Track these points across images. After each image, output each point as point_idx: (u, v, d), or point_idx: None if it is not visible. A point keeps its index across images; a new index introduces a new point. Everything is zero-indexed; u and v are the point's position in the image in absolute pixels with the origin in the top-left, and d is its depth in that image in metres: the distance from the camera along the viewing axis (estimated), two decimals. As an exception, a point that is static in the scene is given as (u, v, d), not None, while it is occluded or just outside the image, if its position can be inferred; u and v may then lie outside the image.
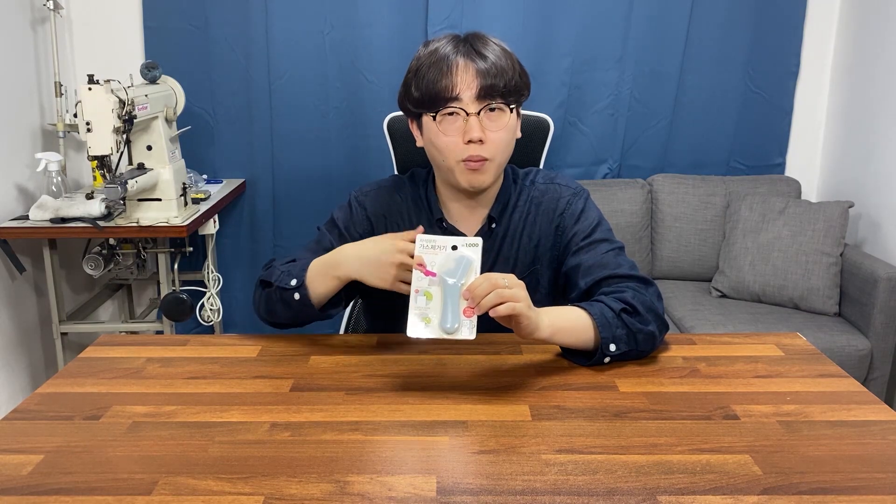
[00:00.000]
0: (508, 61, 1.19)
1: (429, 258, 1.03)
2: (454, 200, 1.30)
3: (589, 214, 1.30)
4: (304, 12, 2.73)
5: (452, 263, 1.02)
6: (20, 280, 2.47)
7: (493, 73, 1.17)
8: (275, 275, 1.22)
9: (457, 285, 1.01)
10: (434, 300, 1.01)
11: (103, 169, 2.08)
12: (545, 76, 2.78)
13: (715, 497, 0.80)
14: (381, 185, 1.36)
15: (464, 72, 1.16)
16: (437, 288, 1.02)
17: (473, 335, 1.00)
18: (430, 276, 1.02)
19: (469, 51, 1.18)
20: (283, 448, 0.90)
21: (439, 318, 1.01)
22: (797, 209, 2.58)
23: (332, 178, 2.89)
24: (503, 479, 0.83)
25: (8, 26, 2.42)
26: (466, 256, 1.02)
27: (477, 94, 1.16)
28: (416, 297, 1.02)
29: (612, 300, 1.15)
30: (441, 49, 1.19)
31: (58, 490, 0.81)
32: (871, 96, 2.69)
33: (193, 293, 2.56)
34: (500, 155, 1.21)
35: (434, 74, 1.17)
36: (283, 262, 1.25)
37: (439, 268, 1.02)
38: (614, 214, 2.79)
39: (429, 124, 1.21)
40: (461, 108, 1.17)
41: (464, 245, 1.03)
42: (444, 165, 1.22)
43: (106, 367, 1.13)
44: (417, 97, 1.20)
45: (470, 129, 1.17)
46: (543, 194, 1.32)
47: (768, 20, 2.84)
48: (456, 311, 1.00)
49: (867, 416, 0.98)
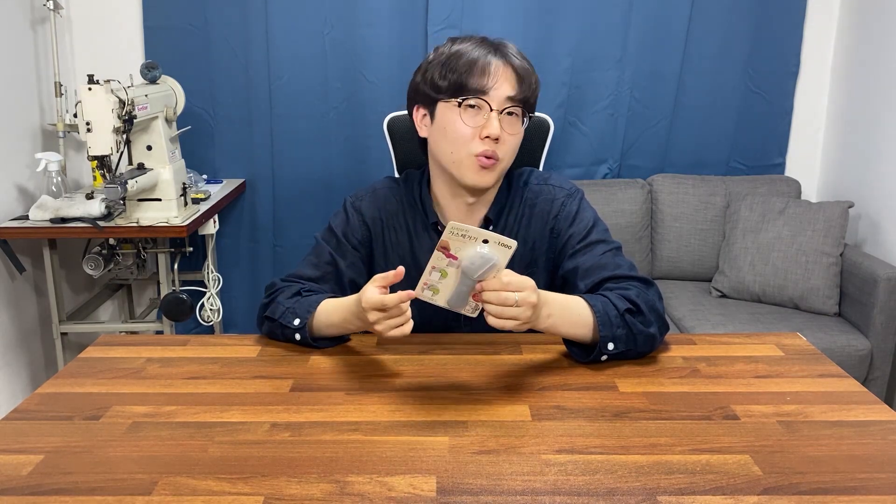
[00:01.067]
0: (533, 72, 1.23)
1: (455, 245, 0.98)
2: (452, 199, 1.29)
3: (584, 216, 1.29)
4: (304, 12, 2.73)
5: (479, 259, 0.97)
6: (20, 280, 2.47)
7: (523, 79, 1.20)
8: (278, 311, 1.21)
9: (473, 282, 0.99)
10: (448, 278, 1.00)
11: (103, 169, 2.08)
12: (545, 76, 2.76)
13: (715, 497, 0.80)
14: (375, 188, 1.35)
15: (497, 70, 1.18)
16: (455, 271, 0.99)
17: (476, 314, 1.01)
18: (451, 259, 0.99)
19: (504, 52, 1.21)
20: (283, 448, 0.89)
21: (448, 294, 1.00)
22: (797, 209, 2.58)
23: (331, 178, 2.89)
24: (503, 479, 0.83)
25: (8, 26, 2.42)
26: (494, 259, 0.97)
27: (505, 94, 1.18)
28: (432, 272, 1.00)
29: (617, 298, 1.14)
30: (472, 48, 1.20)
31: (58, 490, 0.81)
32: (871, 96, 2.69)
33: (193, 293, 2.56)
34: (507, 158, 1.22)
35: (468, 66, 1.18)
36: (287, 295, 1.23)
37: (464, 258, 0.98)
38: (614, 214, 2.79)
39: (446, 112, 1.20)
40: (488, 101, 1.18)
41: (496, 243, 0.97)
42: (452, 157, 1.21)
43: (106, 367, 1.13)
44: (443, 84, 1.20)
45: (489, 125, 1.17)
46: (537, 196, 1.31)
47: (768, 20, 2.84)
48: (466, 296, 1.00)
49: (867, 416, 0.98)
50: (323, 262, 1.29)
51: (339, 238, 1.30)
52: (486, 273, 0.98)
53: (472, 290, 1.00)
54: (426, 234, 1.31)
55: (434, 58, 1.22)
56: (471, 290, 1.00)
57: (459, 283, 1.00)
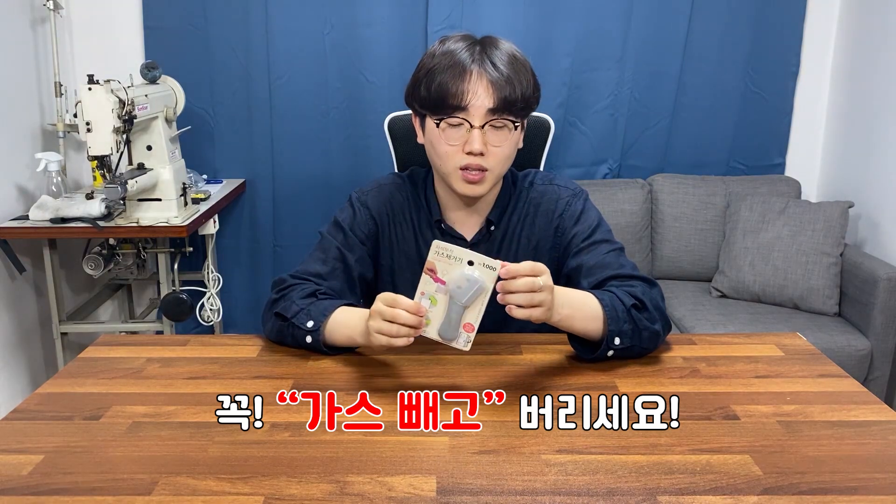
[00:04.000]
0: (523, 74, 1.17)
1: (441, 266, 0.99)
2: (452, 204, 1.30)
3: (589, 215, 1.30)
4: (304, 12, 2.73)
5: (465, 283, 0.97)
6: (20, 280, 2.47)
7: (504, 87, 1.15)
8: (291, 310, 1.17)
9: (462, 308, 0.99)
10: (438, 306, 1.00)
11: (103, 169, 2.08)
12: (545, 76, 2.78)
13: (715, 497, 0.80)
14: (380, 183, 1.35)
15: (476, 82, 1.15)
16: (444, 297, 0.99)
17: (468, 348, 1.01)
18: (438, 283, 0.99)
19: (484, 59, 1.16)
20: (283, 448, 0.89)
21: (439, 324, 1.00)
22: (797, 209, 2.58)
23: (332, 178, 2.89)
24: (503, 479, 0.83)
25: (8, 26, 2.42)
26: (480, 281, 0.97)
27: (485, 107, 1.15)
28: (422, 299, 1.00)
29: (623, 293, 1.14)
30: (457, 53, 1.16)
31: (58, 490, 0.81)
32: (871, 96, 2.69)
33: (193, 293, 2.56)
34: (498, 167, 1.20)
35: (445, 78, 1.15)
36: (301, 294, 1.20)
37: (451, 281, 0.98)
38: (614, 214, 2.79)
39: (432, 127, 1.20)
40: (466, 119, 1.16)
41: (481, 265, 0.97)
42: (442, 170, 1.22)
43: (106, 367, 1.13)
44: (425, 97, 1.18)
45: (472, 142, 1.16)
46: (542, 195, 1.32)
47: (768, 20, 2.84)
48: (457, 324, 1.00)
49: (867, 416, 0.98)
50: (331, 257, 1.27)
51: (347, 232, 1.29)
52: (474, 298, 0.98)
53: (461, 319, 1.00)
54: (430, 232, 1.31)
55: (422, 66, 1.20)
56: (460, 317, 1.00)
57: (448, 310, 0.99)
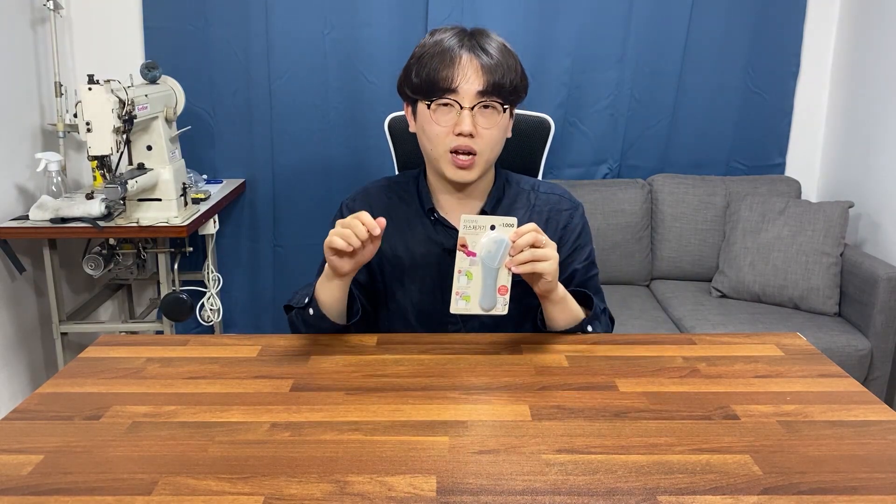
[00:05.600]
0: (511, 61, 1.21)
1: (471, 239, 1.10)
2: (444, 192, 1.32)
3: (586, 235, 1.38)
4: (304, 12, 2.73)
5: (493, 246, 1.10)
6: (20, 280, 2.47)
7: (494, 70, 1.19)
8: (294, 298, 1.28)
9: (494, 268, 1.11)
10: (474, 279, 1.11)
11: (103, 169, 2.08)
12: (545, 76, 2.78)
13: (715, 497, 0.80)
14: (367, 188, 1.39)
15: (466, 65, 1.18)
16: (478, 268, 1.11)
17: (506, 311, 1.13)
18: (471, 257, 1.10)
19: (474, 45, 1.20)
20: (283, 448, 0.89)
21: (478, 297, 1.12)
22: (797, 209, 2.58)
23: (332, 178, 2.89)
24: (503, 479, 0.83)
25: (8, 26, 2.42)
26: (505, 239, 1.10)
27: (475, 89, 1.18)
28: (459, 276, 1.11)
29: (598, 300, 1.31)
30: (446, 41, 1.21)
31: (58, 490, 0.81)
32: (871, 96, 2.69)
33: (193, 293, 2.56)
34: (488, 151, 1.23)
35: (436, 63, 1.19)
36: (302, 289, 1.31)
37: (480, 249, 1.10)
38: (614, 214, 2.79)
39: (423, 111, 1.23)
40: (456, 100, 1.19)
41: (501, 225, 1.10)
42: (433, 154, 1.24)
43: (106, 367, 1.13)
44: (416, 83, 1.22)
45: (461, 122, 1.19)
46: (546, 204, 1.35)
47: (768, 20, 2.84)
48: (493, 290, 1.11)
49: (867, 416, 0.98)
50: None
51: None
52: (504, 257, 1.10)
53: (496, 283, 1.11)
54: (419, 222, 1.33)
55: (413, 55, 1.25)
56: (495, 281, 1.11)
57: (484, 278, 1.11)
